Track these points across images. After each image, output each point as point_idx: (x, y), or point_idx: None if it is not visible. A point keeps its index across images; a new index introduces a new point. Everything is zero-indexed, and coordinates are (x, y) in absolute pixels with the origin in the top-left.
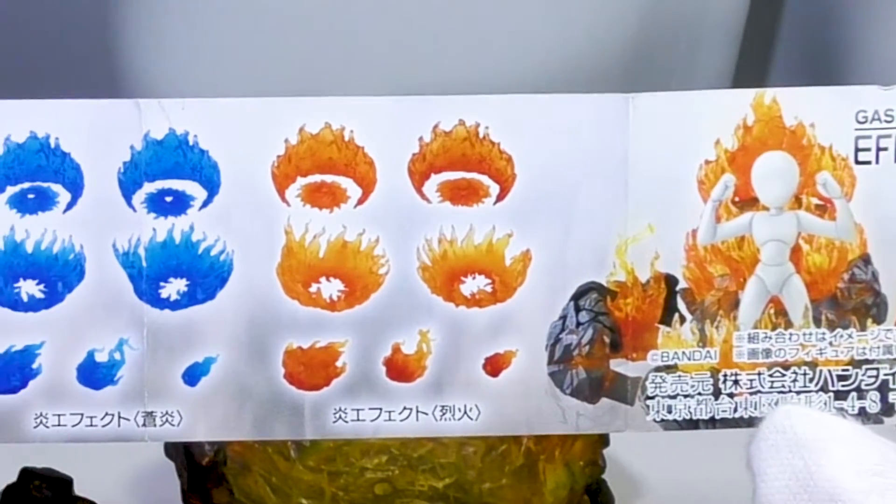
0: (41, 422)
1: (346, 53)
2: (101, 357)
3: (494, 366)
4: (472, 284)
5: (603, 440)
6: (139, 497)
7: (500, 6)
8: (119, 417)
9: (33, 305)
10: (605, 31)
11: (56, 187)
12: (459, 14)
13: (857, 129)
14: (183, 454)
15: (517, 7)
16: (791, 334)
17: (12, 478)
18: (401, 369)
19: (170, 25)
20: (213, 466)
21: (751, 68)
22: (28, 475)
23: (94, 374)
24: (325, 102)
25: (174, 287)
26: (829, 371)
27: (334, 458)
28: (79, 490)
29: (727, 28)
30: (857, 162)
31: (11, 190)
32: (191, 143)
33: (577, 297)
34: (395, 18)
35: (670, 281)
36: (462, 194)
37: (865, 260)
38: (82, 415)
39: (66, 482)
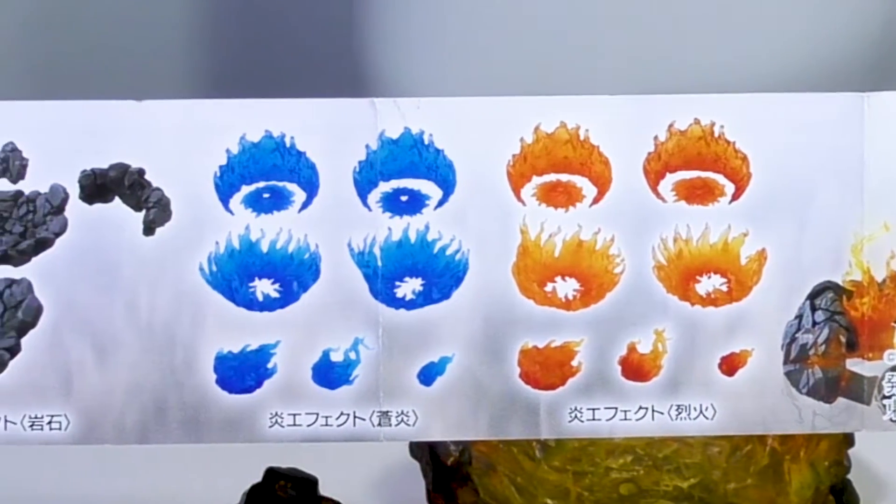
0: (276, 421)
1: (582, 52)
2: (336, 357)
3: (730, 365)
4: (708, 283)
5: (848, 440)
6: (384, 497)
7: (739, 5)
8: (354, 417)
9: (269, 305)
10: (847, 31)
11: (291, 186)
12: (696, 14)
13: None
14: (428, 454)
15: (756, 6)
16: None
17: (256, 477)
18: (636, 369)
19: (410, 25)
20: (458, 466)
21: None
22: (273, 475)
23: (330, 374)
24: (561, 101)
25: (409, 286)
26: None
27: (579, 458)
28: (323, 490)
29: None
30: None
31: (247, 189)
32: (426, 143)
33: (812, 297)
34: (632, 17)
35: None
36: (697, 193)
37: None
38: (317, 414)
39: (312, 482)
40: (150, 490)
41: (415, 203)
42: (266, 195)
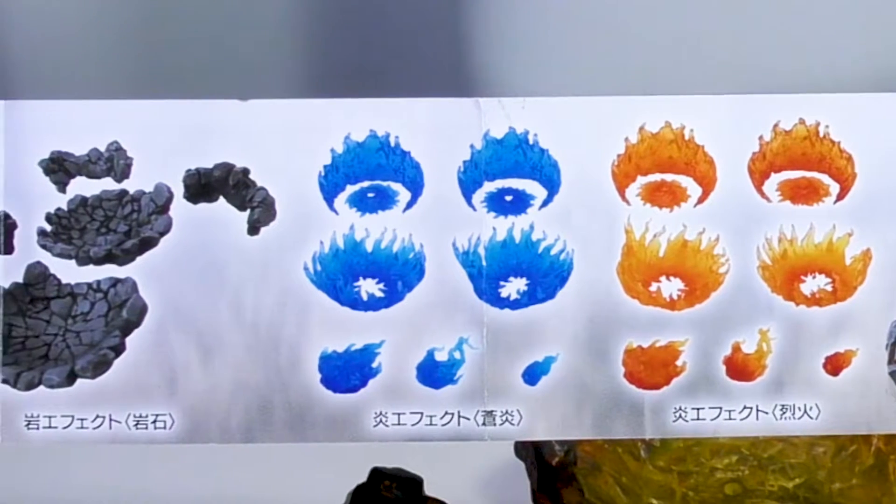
0: (381, 421)
1: (687, 52)
2: (440, 356)
3: (835, 365)
4: (812, 283)
5: None
6: (489, 497)
7: (844, 5)
8: (459, 416)
9: (373, 304)
10: None
11: (396, 186)
12: (801, 14)
13: None
14: (533, 454)
15: (862, 5)
16: None
17: (361, 477)
18: (741, 368)
19: (515, 25)
20: (563, 466)
21: None
22: (378, 475)
23: (434, 373)
24: (666, 101)
25: (514, 286)
26: None
27: (684, 458)
28: (428, 490)
29: None
30: None
31: (351, 189)
32: (531, 142)
33: None
34: (737, 17)
35: None
36: (802, 193)
37: None
38: (422, 414)
39: (417, 482)
40: (254, 490)
41: (519, 203)
42: (371, 195)
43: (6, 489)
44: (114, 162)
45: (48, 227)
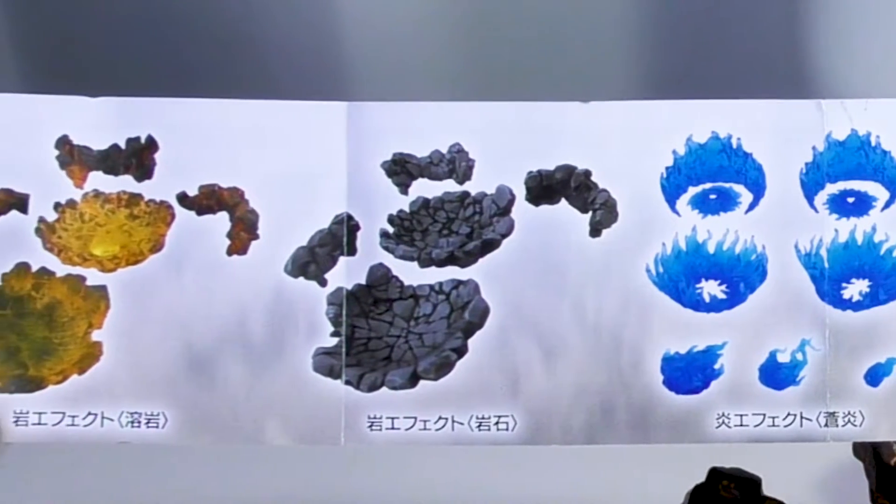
0: (723, 422)
1: None
2: (782, 357)
3: None
4: None
5: None
6: (827, 497)
7: None
8: (801, 418)
9: (715, 306)
10: None
11: (738, 188)
12: None
13: None
14: (871, 454)
15: None
16: None
17: (699, 477)
18: None
19: (857, 26)
20: None
21: None
22: (717, 475)
23: (776, 375)
24: None
25: (856, 288)
26: None
27: None
28: (766, 490)
29: None
30: None
31: (693, 190)
32: (873, 144)
33: None
34: None
35: None
36: None
37: None
38: (764, 415)
39: (755, 482)
40: (590, 488)
41: (861, 204)
42: (713, 196)
43: (350, 490)
44: (455, 164)
45: (390, 229)
